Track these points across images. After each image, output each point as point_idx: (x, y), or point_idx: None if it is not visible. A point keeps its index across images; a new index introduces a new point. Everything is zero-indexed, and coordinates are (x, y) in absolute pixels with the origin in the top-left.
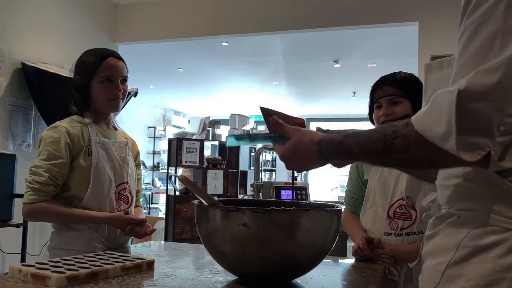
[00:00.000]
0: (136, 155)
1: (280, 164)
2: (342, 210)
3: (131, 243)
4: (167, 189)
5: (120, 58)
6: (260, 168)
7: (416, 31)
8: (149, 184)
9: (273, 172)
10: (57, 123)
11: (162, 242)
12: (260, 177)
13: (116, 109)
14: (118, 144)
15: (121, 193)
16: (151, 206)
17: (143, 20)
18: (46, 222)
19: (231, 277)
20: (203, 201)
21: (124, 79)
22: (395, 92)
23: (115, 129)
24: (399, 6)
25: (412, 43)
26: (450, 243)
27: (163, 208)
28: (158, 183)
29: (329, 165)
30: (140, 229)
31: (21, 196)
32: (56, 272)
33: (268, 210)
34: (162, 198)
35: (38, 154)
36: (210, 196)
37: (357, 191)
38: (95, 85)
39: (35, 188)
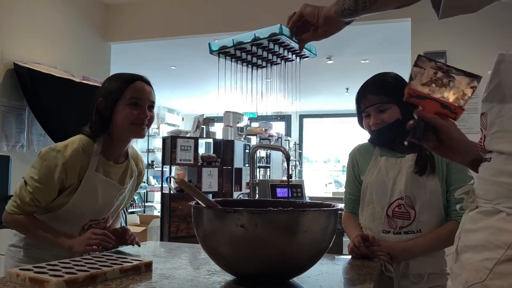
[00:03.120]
0: (140, 175)
1: (275, 160)
2: (340, 208)
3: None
4: (162, 187)
5: (149, 83)
6: (255, 166)
7: (408, 27)
8: (144, 182)
9: (268, 169)
10: (63, 146)
11: (158, 242)
12: (255, 174)
13: (140, 135)
14: (114, 183)
15: (92, 226)
16: (146, 204)
17: (135, 19)
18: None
19: (229, 277)
20: (200, 203)
21: (152, 105)
22: (380, 100)
23: (127, 156)
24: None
25: (404, 40)
26: (500, 240)
27: (158, 206)
28: (152, 181)
29: (322, 162)
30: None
31: None
32: (54, 275)
33: (266, 211)
34: (157, 196)
35: (33, 166)
36: (207, 198)
37: (355, 192)
38: (120, 108)
39: (17, 204)
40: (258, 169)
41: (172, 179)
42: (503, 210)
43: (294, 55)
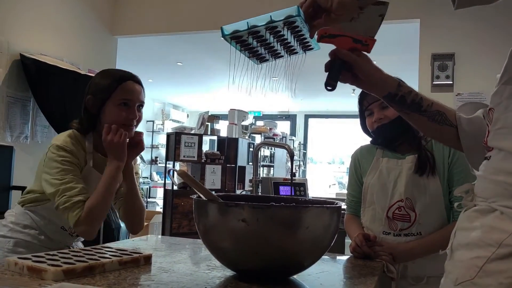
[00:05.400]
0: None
1: (279, 159)
2: (342, 207)
3: (127, 237)
4: (165, 183)
5: (139, 83)
6: (259, 164)
7: (417, 28)
8: (147, 178)
9: (271, 168)
10: (62, 142)
11: (160, 236)
12: (259, 172)
13: (128, 136)
14: None
15: None
16: (148, 200)
17: (143, 13)
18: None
19: (229, 272)
20: (202, 196)
21: (141, 105)
22: None
23: None
24: (401, 3)
25: (413, 41)
26: (491, 239)
27: (160, 202)
28: (156, 177)
29: (326, 163)
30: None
31: (18, 188)
32: (52, 265)
33: (268, 206)
34: (160, 192)
35: (48, 172)
36: (209, 191)
37: (357, 194)
38: (109, 108)
39: (75, 203)
40: (261, 168)
41: (174, 172)
42: (497, 209)
43: (299, 46)
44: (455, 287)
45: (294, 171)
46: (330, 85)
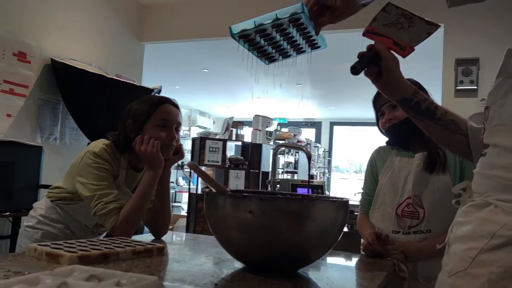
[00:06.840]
0: None
1: (303, 166)
2: (351, 202)
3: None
4: (189, 187)
5: (177, 106)
6: (282, 170)
7: (441, 33)
8: (173, 182)
9: (295, 174)
10: (102, 152)
11: (178, 233)
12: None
13: (167, 156)
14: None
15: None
16: (174, 204)
17: (170, 20)
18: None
19: (239, 265)
20: (212, 188)
21: (178, 126)
22: None
23: None
24: (425, 7)
25: (436, 46)
26: (484, 230)
27: (185, 206)
28: (181, 182)
29: (353, 171)
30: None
31: (46, 186)
32: (69, 251)
33: (275, 198)
34: (185, 197)
35: (83, 177)
36: (219, 184)
37: (372, 193)
38: (148, 130)
39: (111, 210)
40: (284, 174)
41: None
42: (492, 203)
43: (306, 44)
44: (449, 278)
45: (319, 178)
46: (355, 69)
